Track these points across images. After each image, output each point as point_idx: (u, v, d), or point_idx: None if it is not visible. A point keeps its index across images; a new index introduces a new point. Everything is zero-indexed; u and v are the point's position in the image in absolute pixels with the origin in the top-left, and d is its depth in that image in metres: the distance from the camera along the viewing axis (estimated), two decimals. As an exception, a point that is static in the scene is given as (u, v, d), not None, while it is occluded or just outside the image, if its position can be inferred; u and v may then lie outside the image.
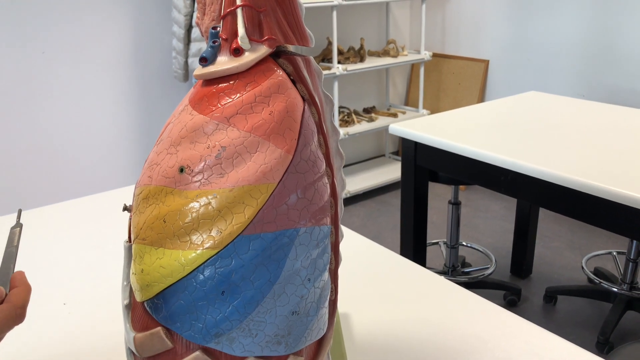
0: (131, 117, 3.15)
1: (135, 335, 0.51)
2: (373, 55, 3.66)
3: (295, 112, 0.51)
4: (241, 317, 0.48)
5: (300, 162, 0.51)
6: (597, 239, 2.93)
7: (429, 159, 1.92)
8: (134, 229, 0.52)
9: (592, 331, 2.21)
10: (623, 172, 1.48)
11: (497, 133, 1.84)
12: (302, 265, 0.51)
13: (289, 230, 0.49)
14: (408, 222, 2.07)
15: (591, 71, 3.08)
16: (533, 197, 1.62)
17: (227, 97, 0.51)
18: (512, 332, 0.81)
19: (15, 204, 2.88)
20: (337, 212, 0.57)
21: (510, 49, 3.45)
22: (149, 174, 0.52)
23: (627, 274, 2.25)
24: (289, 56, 0.54)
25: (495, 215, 3.25)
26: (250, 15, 0.51)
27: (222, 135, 0.49)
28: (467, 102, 3.69)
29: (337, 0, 3.06)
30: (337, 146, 0.60)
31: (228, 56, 0.52)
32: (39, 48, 2.78)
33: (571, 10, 3.09)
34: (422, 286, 0.93)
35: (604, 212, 1.45)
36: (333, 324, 0.58)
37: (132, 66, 3.07)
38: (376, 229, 3.13)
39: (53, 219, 1.22)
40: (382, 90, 4.03)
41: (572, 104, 2.16)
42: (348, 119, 3.49)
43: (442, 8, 3.80)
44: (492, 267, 2.56)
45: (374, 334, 0.82)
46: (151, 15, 3.05)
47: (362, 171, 3.81)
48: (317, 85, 0.58)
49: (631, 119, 1.93)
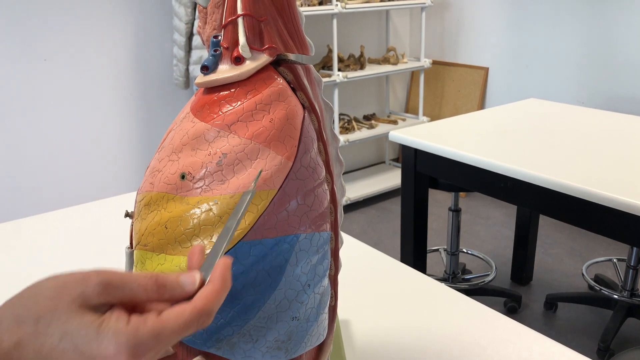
0: (132, 124, 3.15)
1: (137, 341, 0.51)
2: (373, 63, 3.67)
3: (296, 119, 0.52)
4: (242, 322, 0.48)
5: (301, 168, 0.51)
6: (597, 245, 2.93)
7: (429, 166, 1.92)
8: (136, 235, 0.52)
9: (593, 338, 2.20)
10: (623, 179, 1.48)
11: (497, 140, 1.84)
12: (302, 271, 0.51)
13: (289, 236, 0.50)
14: (408, 229, 2.07)
15: (590, 78, 3.09)
16: (533, 204, 1.63)
17: (228, 105, 0.51)
18: (512, 339, 0.81)
19: (16, 211, 2.88)
20: (337, 219, 0.57)
21: (510, 56, 3.46)
22: (151, 180, 0.52)
23: (628, 281, 2.25)
24: (289, 64, 0.54)
25: (496, 222, 3.25)
26: (251, 24, 0.52)
27: (223, 143, 0.50)
28: (467, 109, 3.69)
29: (337, 8, 3.08)
30: (337, 153, 0.61)
31: (229, 64, 0.52)
32: (40, 55, 2.80)
33: (570, 18, 3.10)
34: (422, 293, 0.94)
35: (604, 219, 1.45)
36: (333, 329, 0.58)
37: (133, 73, 3.08)
38: (376, 236, 3.13)
39: (54, 225, 1.22)
40: (382, 98, 4.05)
41: (572, 111, 2.17)
42: (348, 126, 3.50)
43: (441, 16, 3.81)
44: (493, 274, 2.56)
45: (374, 340, 0.82)
46: (152, 23, 3.06)
47: (362, 178, 3.82)
48: (317, 93, 0.58)
49: (630, 126, 1.94)
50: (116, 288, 0.37)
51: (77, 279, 0.37)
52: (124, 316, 0.36)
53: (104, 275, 0.37)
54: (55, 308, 0.36)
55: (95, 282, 0.36)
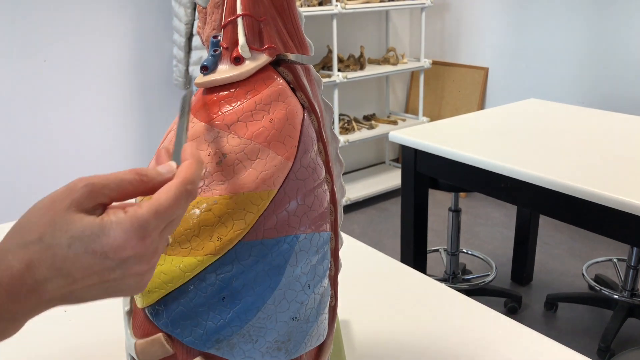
0: (132, 124, 3.15)
1: (136, 342, 0.51)
2: (373, 63, 3.67)
3: (295, 119, 0.52)
4: (242, 323, 0.48)
5: (300, 169, 0.51)
6: (597, 245, 2.93)
7: (429, 166, 1.92)
8: (136, 235, 0.52)
9: (593, 338, 2.20)
10: (623, 179, 1.48)
11: (497, 140, 1.84)
12: (302, 271, 0.51)
13: (289, 236, 0.50)
14: (408, 229, 2.07)
15: (590, 78, 3.09)
16: (533, 204, 1.63)
17: (228, 105, 0.51)
18: (513, 339, 0.81)
19: (16, 212, 2.88)
20: (337, 219, 0.57)
21: (510, 56, 3.46)
22: (151, 181, 0.52)
23: (628, 281, 2.24)
24: (289, 65, 0.54)
25: (496, 222, 3.25)
26: (251, 25, 0.52)
27: (223, 143, 0.50)
28: (467, 109, 3.69)
29: (337, 9, 3.08)
30: (337, 153, 0.61)
31: (229, 65, 0.52)
32: (40, 56, 2.80)
33: (570, 18, 3.10)
34: (422, 293, 0.94)
35: (604, 219, 1.45)
36: (333, 330, 0.58)
37: (133, 74, 3.08)
38: (376, 236, 3.13)
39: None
40: (382, 98, 4.05)
41: (572, 111, 2.17)
42: (348, 127, 3.50)
43: (441, 16, 3.82)
44: (493, 275, 2.56)
45: (374, 340, 0.82)
46: (152, 24, 3.06)
47: (362, 178, 3.82)
48: (316, 93, 0.58)
49: (630, 126, 1.94)
50: (102, 186, 0.38)
51: (62, 191, 0.38)
52: (120, 209, 0.37)
53: (87, 179, 0.38)
54: (53, 221, 0.36)
55: (80, 186, 0.37)
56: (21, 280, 0.35)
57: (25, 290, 0.36)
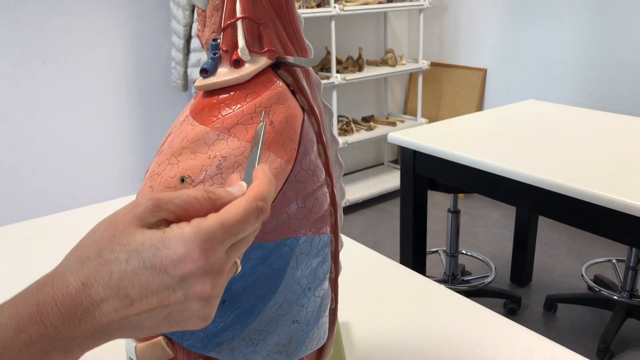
0: (131, 127, 3.15)
1: (137, 345, 0.51)
2: (371, 65, 3.67)
3: (295, 122, 0.52)
4: (242, 326, 0.48)
5: (300, 171, 0.51)
6: (596, 246, 2.93)
7: (427, 168, 1.92)
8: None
9: (593, 339, 2.20)
10: (622, 179, 1.48)
11: (496, 141, 1.85)
12: (302, 274, 0.51)
13: (290, 239, 0.50)
14: (407, 231, 2.07)
15: (589, 79, 3.09)
16: (532, 205, 1.63)
17: (228, 108, 0.51)
18: (512, 340, 0.81)
19: (14, 214, 2.88)
20: (337, 221, 0.57)
21: (508, 57, 3.47)
22: (150, 184, 0.52)
23: (627, 281, 2.25)
24: (288, 67, 0.54)
25: (495, 223, 3.25)
26: (250, 27, 0.52)
27: (223, 146, 0.50)
28: (466, 110, 3.70)
29: (335, 10, 3.08)
30: (337, 155, 0.61)
31: (228, 67, 0.52)
32: (38, 58, 2.79)
33: (569, 19, 3.11)
34: (421, 295, 0.94)
35: (603, 219, 1.45)
36: (333, 332, 0.58)
37: (132, 76, 3.08)
38: (376, 238, 3.13)
39: (52, 229, 1.22)
40: (380, 99, 4.05)
41: (570, 112, 2.17)
42: (347, 128, 3.50)
43: (440, 17, 3.82)
44: (492, 276, 2.56)
45: (374, 342, 0.82)
46: (151, 26, 3.06)
47: (362, 180, 3.82)
48: (316, 95, 0.58)
49: (629, 127, 1.94)
50: (167, 201, 0.36)
51: (127, 208, 0.36)
52: (185, 223, 0.35)
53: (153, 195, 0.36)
54: (113, 235, 0.35)
55: (144, 201, 0.36)
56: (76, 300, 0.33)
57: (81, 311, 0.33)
